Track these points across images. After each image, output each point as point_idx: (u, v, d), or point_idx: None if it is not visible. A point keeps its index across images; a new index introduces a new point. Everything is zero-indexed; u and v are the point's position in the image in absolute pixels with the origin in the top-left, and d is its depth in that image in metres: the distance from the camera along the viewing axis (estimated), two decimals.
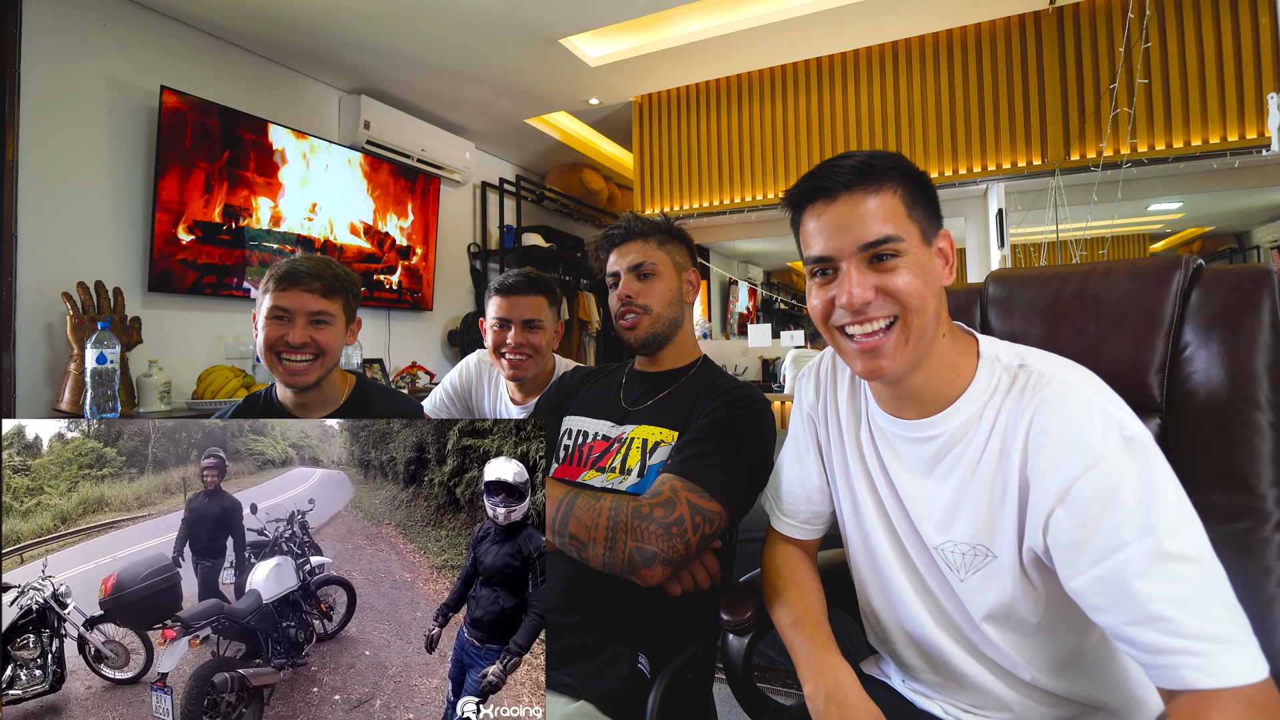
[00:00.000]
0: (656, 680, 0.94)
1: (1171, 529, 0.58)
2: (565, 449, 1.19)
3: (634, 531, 0.91)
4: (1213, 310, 0.84)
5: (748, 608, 0.95)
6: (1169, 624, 0.56)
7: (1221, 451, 0.81)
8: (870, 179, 0.69)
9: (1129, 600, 0.58)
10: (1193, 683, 0.55)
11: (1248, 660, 0.55)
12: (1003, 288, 1.01)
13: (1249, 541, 0.78)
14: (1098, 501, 0.61)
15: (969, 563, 0.72)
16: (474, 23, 2.88)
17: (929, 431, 0.75)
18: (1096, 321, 0.91)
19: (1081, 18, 3.03)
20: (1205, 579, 0.58)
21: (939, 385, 0.74)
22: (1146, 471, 0.60)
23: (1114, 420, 0.63)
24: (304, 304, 1.21)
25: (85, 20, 2.44)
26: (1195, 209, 3.84)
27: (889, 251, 0.68)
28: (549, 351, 1.63)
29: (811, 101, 3.59)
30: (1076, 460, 0.62)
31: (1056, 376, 0.68)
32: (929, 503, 0.75)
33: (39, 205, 2.29)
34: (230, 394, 2.54)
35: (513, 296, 1.57)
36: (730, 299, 5.02)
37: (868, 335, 0.70)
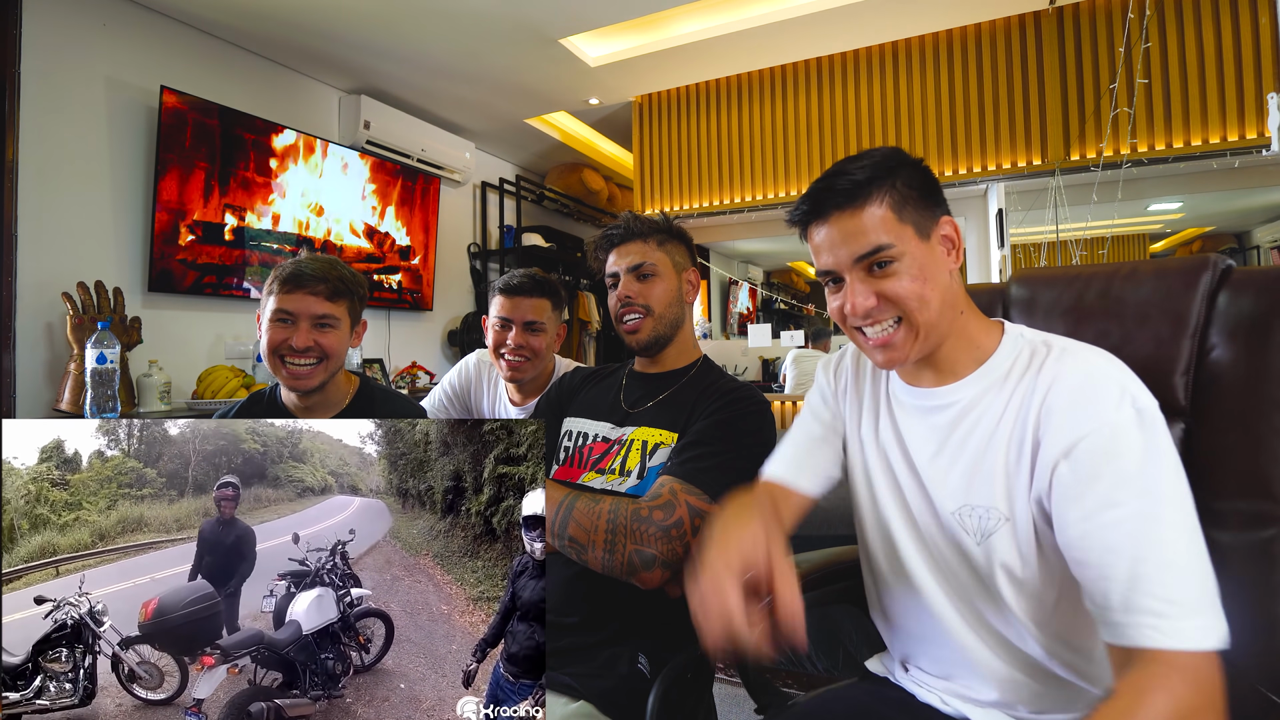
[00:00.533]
0: (656, 680, 0.94)
1: (1165, 498, 0.62)
2: (565, 450, 1.19)
3: (633, 534, 0.91)
4: (1241, 312, 0.81)
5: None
6: (1144, 583, 0.59)
7: (1246, 458, 0.79)
8: (856, 196, 0.73)
9: (1111, 556, 0.62)
10: (1148, 641, 0.58)
11: (1205, 629, 0.58)
12: (1025, 288, 1.00)
13: (1272, 549, 0.76)
14: (1100, 461, 0.64)
15: (984, 526, 0.74)
16: (474, 23, 2.88)
17: (945, 399, 0.78)
18: (1120, 322, 0.89)
19: (1081, 18, 3.03)
20: (1186, 549, 0.61)
21: (958, 356, 0.78)
22: (1152, 443, 0.64)
23: (1129, 393, 0.66)
24: (308, 307, 1.18)
25: (85, 20, 2.44)
26: (1195, 209, 3.84)
27: (884, 259, 0.73)
28: (549, 354, 1.62)
29: (811, 101, 3.59)
30: (1087, 421, 0.65)
31: (1080, 353, 0.72)
32: (944, 469, 0.78)
33: (39, 205, 2.29)
34: (230, 394, 2.54)
35: (516, 297, 1.56)
36: (730, 299, 5.02)
37: (879, 334, 0.76)
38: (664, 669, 0.95)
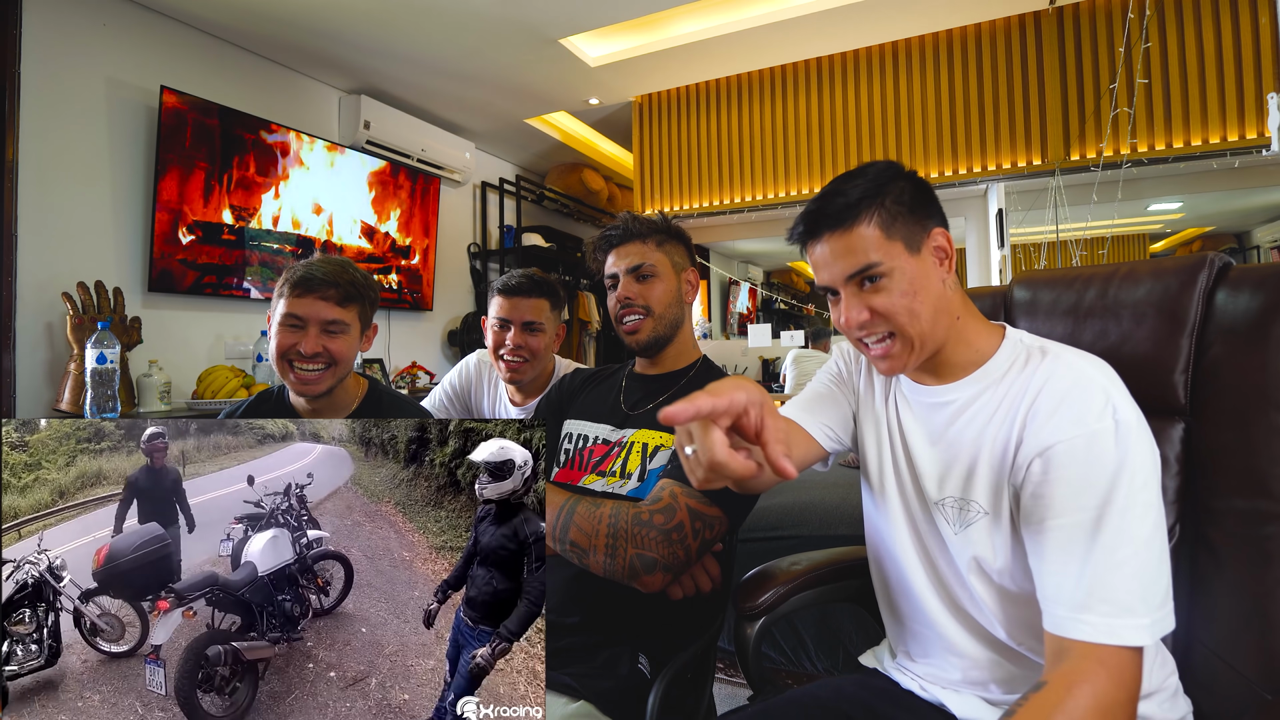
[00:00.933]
0: (656, 680, 0.94)
1: (1126, 508, 0.65)
2: (566, 453, 1.19)
3: (634, 538, 0.91)
4: (1238, 310, 0.81)
5: (760, 595, 1.00)
6: (1090, 584, 0.64)
7: (1244, 456, 0.79)
8: (846, 218, 0.77)
9: (1064, 555, 0.67)
10: (1082, 635, 0.64)
11: (1136, 628, 0.63)
12: (1027, 290, 1.01)
13: (1270, 548, 0.75)
14: (1071, 466, 0.68)
15: (961, 517, 0.79)
16: (474, 23, 2.88)
17: (944, 397, 0.82)
18: (1118, 322, 0.90)
19: (1081, 18, 3.03)
20: (1133, 557, 0.65)
21: (956, 359, 0.82)
22: (1126, 456, 0.66)
23: (1112, 403, 0.69)
24: (318, 312, 1.16)
25: (85, 20, 2.44)
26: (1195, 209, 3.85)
27: (873, 275, 0.77)
28: (548, 355, 1.62)
29: (811, 101, 3.59)
30: (1067, 426, 0.69)
31: (1074, 361, 0.75)
32: (933, 460, 0.82)
33: (39, 205, 2.29)
34: (230, 394, 2.54)
35: (514, 298, 1.56)
36: (730, 299, 5.02)
37: (878, 345, 0.80)
38: (664, 669, 0.96)
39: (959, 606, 0.81)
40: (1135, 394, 0.71)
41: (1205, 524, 0.82)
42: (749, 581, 1.04)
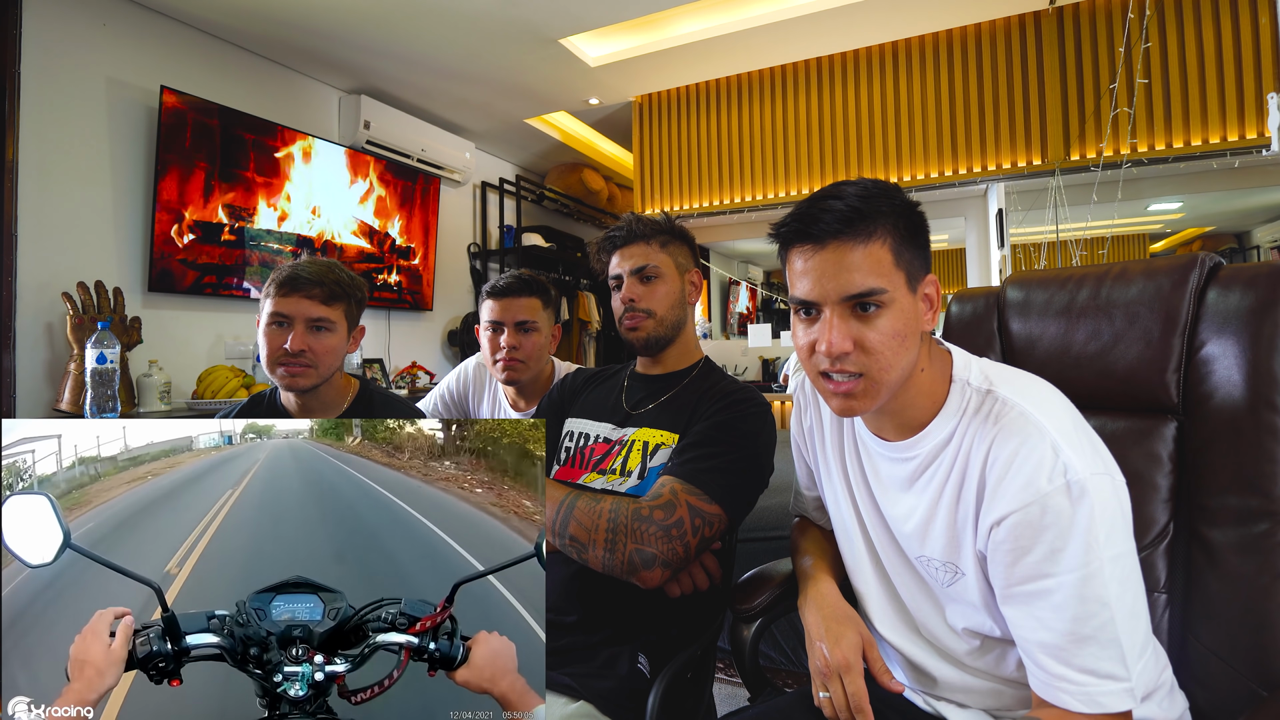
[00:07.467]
0: (656, 680, 0.94)
1: (1091, 574, 0.63)
2: (566, 451, 1.19)
3: (634, 534, 0.91)
4: (1229, 308, 0.81)
5: (756, 597, 0.99)
6: (1064, 653, 0.64)
7: (1236, 454, 0.79)
8: (859, 228, 0.67)
9: (1034, 623, 0.66)
10: (1066, 705, 0.64)
11: (1118, 693, 0.63)
12: (1020, 290, 1.01)
13: (1263, 545, 0.76)
14: (1029, 535, 0.65)
15: (944, 576, 0.76)
16: (474, 23, 2.88)
17: (907, 453, 0.78)
18: (1111, 322, 0.90)
19: (1081, 18, 3.03)
20: (1108, 622, 0.63)
21: (914, 411, 0.77)
22: (1081, 516, 0.63)
23: (1061, 461, 0.65)
24: (303, 310, 1.19)
25: (85, 20, 2.44)
26: (1195, 209, 3.84)
27: (875, 302, 0.68)
28: (545, 356, 1.61)
29: (811, 101, 3.59)
30: (1019, 494, 0.66)
31: (1018, 406, 0.70)
32: (905, 517, 0.78)
33: (39, 205, 2.29)
34: (230, 394, 2.54)
35: (506, 299, 1.55)
36: (730, 299, 5.02)
37: (842, 380, 0.71)
38: (664, 669, 0.96)
39: (951, 655, 0.80)
40: (1128, 393, 0.72)
41: (1199, 521, 0.82)
42: (745, 583, 1.04)
